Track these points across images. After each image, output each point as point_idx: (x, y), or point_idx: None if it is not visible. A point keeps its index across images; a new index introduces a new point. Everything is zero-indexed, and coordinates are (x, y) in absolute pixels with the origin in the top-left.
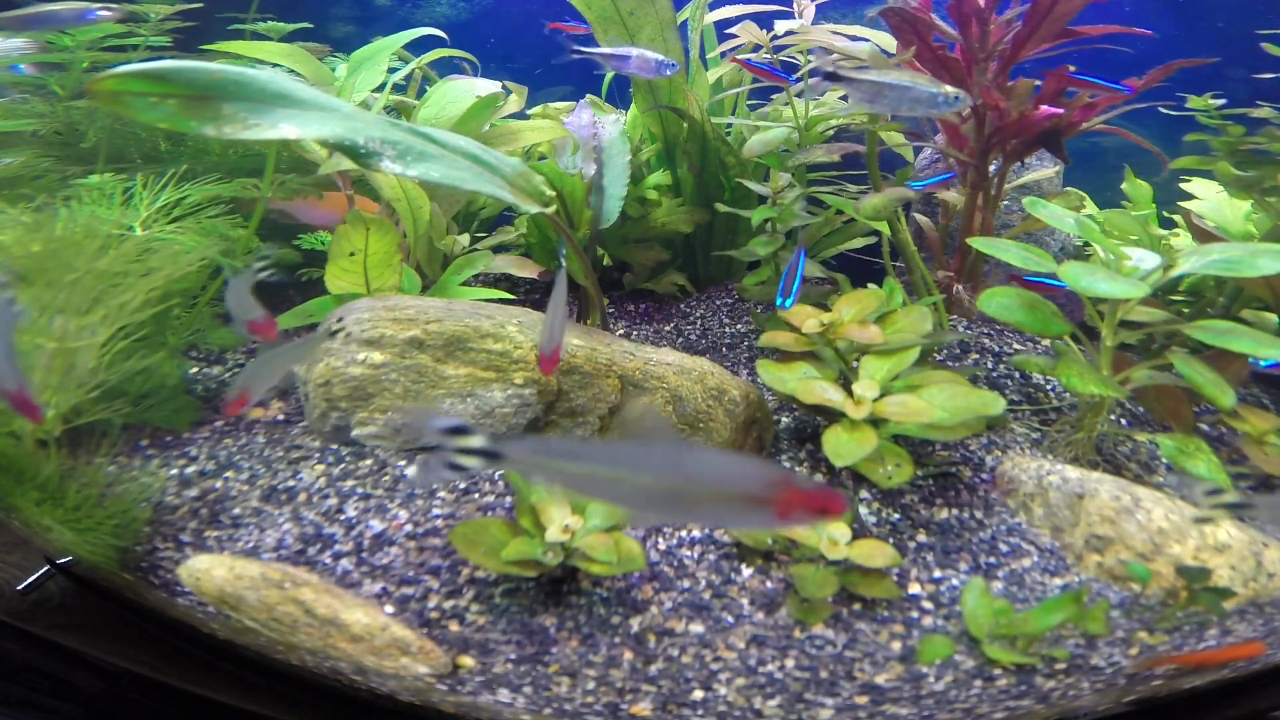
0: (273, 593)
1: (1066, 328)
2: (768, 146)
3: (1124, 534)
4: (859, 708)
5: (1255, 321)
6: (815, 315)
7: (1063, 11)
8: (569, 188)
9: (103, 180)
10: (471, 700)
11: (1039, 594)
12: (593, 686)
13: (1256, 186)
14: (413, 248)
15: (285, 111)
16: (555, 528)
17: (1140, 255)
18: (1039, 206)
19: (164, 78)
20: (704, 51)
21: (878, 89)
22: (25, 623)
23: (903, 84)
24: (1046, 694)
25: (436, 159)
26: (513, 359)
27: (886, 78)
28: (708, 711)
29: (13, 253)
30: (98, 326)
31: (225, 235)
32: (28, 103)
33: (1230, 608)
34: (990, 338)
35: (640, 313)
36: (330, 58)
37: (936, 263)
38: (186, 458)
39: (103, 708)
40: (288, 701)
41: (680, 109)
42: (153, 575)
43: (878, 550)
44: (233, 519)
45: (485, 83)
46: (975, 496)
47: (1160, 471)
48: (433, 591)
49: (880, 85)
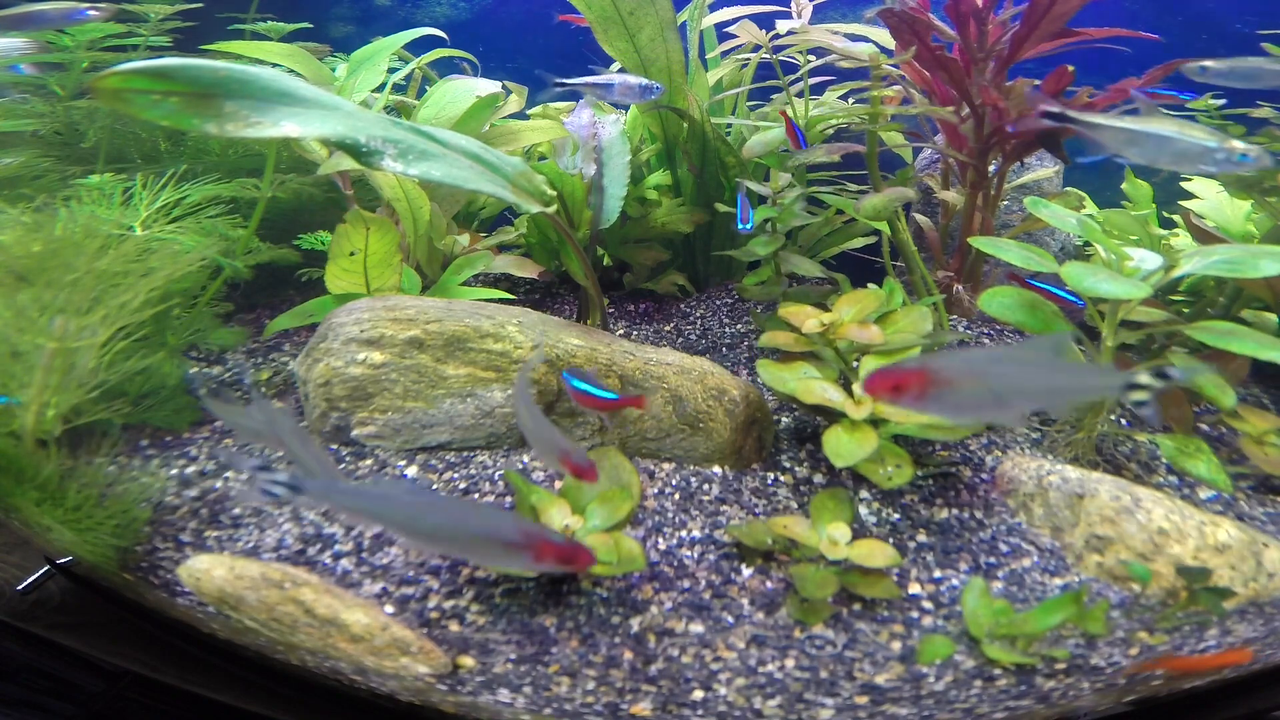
0: (273, 593)
1: (1067, 328)
2: (768, 146)
3: (1124, 534)
4: (859, 708)
5: (1255, 322)
6: (815, 315)
7: (1060, 11)
8: (569, 188)
9: (103, 180)
10: (471, 700)
11: (1039, 594)
12: (593, 686)
13: (1256, 186)
14: (413, 248)
15: (287, 110)
16: (555, 528)
17: (1142, 255)
18: (1040, 206)
19: (167, 75)
20: (704, 51)
21: (1130, 138)
22: (25, 623)
23: (1165, 134)
24: (1046, 694)
25: (438, 158)
26: (513, 359)
27: (1145, 126)
28: (708, 711)
29: (13, 253)
30: (98, 326)
31: (225, 235)
32: (28, 103)
33: (1230, 608)
34: (990, 338)
35: (640, 313)
36: (330, 58)
37: (936, 263)
38: (186, 458)
39: (103, 708)
40: (288, 701)
41: (680, 109)
42: (153, 575)
43: (878, 550)
44: (233, 519)
45: (485, 83)
46: (975, 496)
47: (1160, 471)
48: (433, 591)
49: (1134, 134)
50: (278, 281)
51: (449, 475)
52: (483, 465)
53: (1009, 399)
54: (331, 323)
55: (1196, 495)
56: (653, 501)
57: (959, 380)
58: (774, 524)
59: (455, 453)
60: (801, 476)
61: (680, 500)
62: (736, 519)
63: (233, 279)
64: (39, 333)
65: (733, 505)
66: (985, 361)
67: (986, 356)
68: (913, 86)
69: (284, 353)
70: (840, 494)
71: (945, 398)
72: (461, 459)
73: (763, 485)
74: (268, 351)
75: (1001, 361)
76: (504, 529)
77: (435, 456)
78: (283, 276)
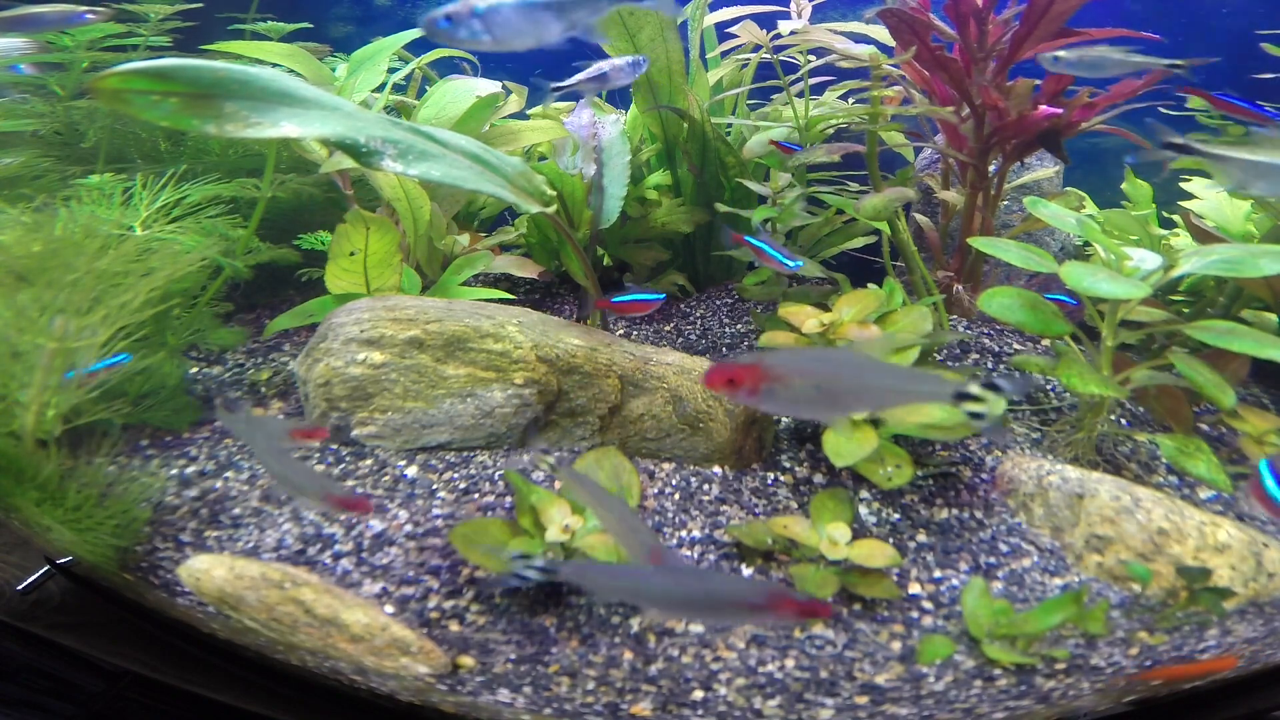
0: (273, 593)
1: (1067, 328)
2: (768, 147)
3: (1124, 534)
4: (859, 708)
5: (1255, 321)
6: (815, 315)
7: (1060, 11)
8: (569, 188)
9: (103, 180)
10: (471, 700)
11: (1039, 594)
12: (593, 686)
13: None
14: (413, 248)
15: (287, 110)
16: (555, 528)
17: (1141, 255)
18: (1040, 206)
19: (166, 76)
20: (704, 51)
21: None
22: (25, 623)
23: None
24: (1046, 694)
25: (438, 158)
26: (513, 359)
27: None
28: (708, 711)
29: (13, 253)
30: (98, 326)
31: (225, 235)
32: (28, 103)
33: (1230, 608)
34: (990, 338)
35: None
36: (330, 58)
37: (936, 263)
38: (186, 458)
39: (103, 708)
40: (288, 701)
41: (680, 109)
42: (153, 575)
43: (878, 550)
44: (233, 519)
45: (485, 83)
46: (975, 496)
47: (1160, 471)
48: (433, 591)
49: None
50: (278, 281)
51: (449, 475)
52: (483, 465)
53: (841, 400)
54: (331, 323)
55: (1196, 495)
56: (653, 501)
57: (792, 377)
58: (774, 524)
59: (455, 453)
60: (801, 476)
61: (680, 500)
62: (736, 519)
63: (233, 279)
64: (39, 333)
65: (733, 505)
66: (820, 361)
67: (823, 355)
68: (913, 86)
69: (284, 353)
70: (840, 494)
71: (778, 394)
72: (461, 459)
73: (763, 485)
74: (268, 351)
75: (837, 362)
76: (749, 593)
77: (435, 456)
78: (283, 276)
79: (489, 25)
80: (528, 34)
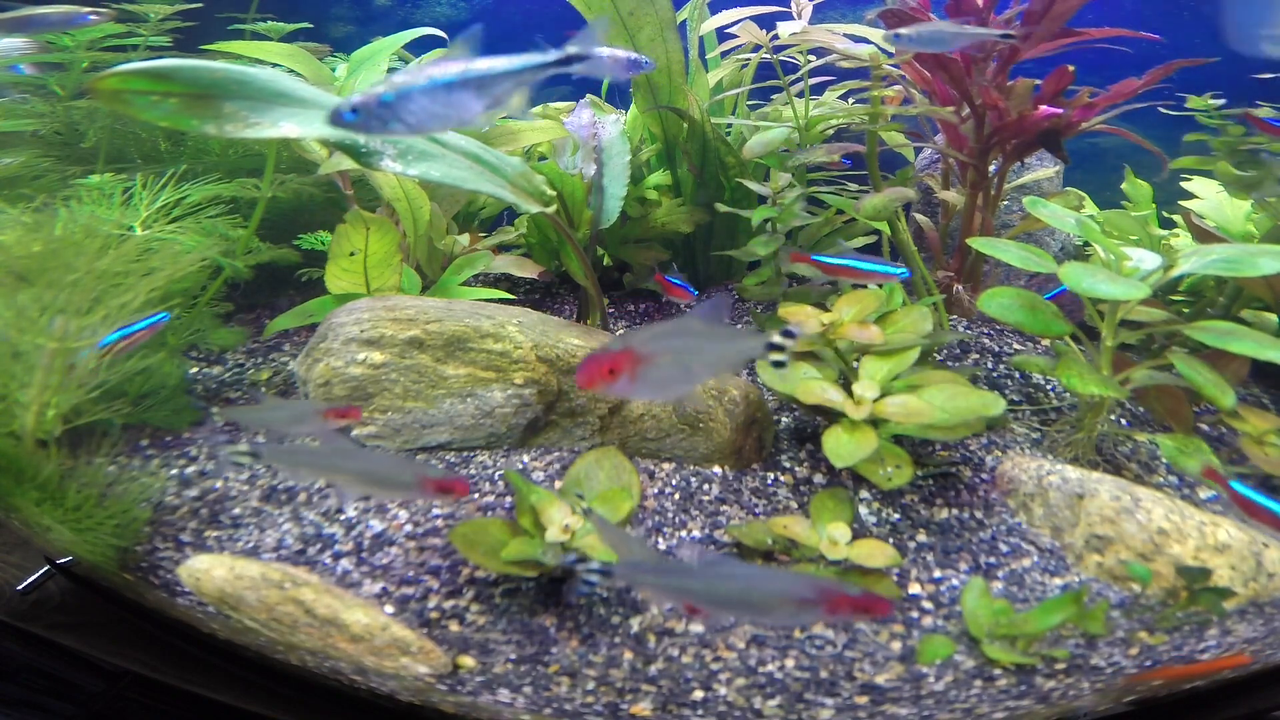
0: (273, 593)
1: (1067, 328)
2: (768, 147)
3: (1124, 534)
4: (859, 708)
5: (1255, 321)
6: (815, 315)
7: (1060, 11)
8: (569, 188)
9: (103, 180)
10: (471, 700)
11: (1039, 594)
12: (593, 686)
13: (1257, 186)
14: (413, 248)
15: (286, 110)
16: (555, 528)
17: (1140, 255)
18: (1039, 206)
19: (166, 76)
20: (704, 52)
21: None
22: (25, 623)
23: None
24: (1046, 694)
25: (437, 158)
26: (513, 359)
27: None
28: (708, 711)
29: (13, 253)
30: (98, 327)
31: (225, 235)
32: (28, 103)
33: (1230, 608)
34: (990, 338)
35: (640, 313)
36: (330, 58)
37: (936, 263)
38: (186, 458)
39: (103, 708)
40: (288, 701)
41: (680, 109)
42: (153, 575)
43: (878, 550)
44: (233, 519)
45: None
46: (975, 496)
47: (1160, 471)
48: (433, 591)
49: None
50: (278, 281)
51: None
52: (483, 465)
53: (694, 370)
54: (331, 323)
55: (1196, 495)
56: (653, 501)
57: (660, 356)
58: (774, 524)
59: (455, 453)
60: (801, 476)
61: (680, 500)
62: (736, 519)
63: (233, 279)
64: (39, 333)
65: (733, 505)
66: (673, 336)
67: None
68: (913, 86)
69: (284, 353)
70: (840, 494)
71: (651, 375)
72: (461, 459)
73: (763, 485)
74: (268, 351)
75: (683, 335)
76: (798, 589)
77: (435, 456)
78: (283, 276)
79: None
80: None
